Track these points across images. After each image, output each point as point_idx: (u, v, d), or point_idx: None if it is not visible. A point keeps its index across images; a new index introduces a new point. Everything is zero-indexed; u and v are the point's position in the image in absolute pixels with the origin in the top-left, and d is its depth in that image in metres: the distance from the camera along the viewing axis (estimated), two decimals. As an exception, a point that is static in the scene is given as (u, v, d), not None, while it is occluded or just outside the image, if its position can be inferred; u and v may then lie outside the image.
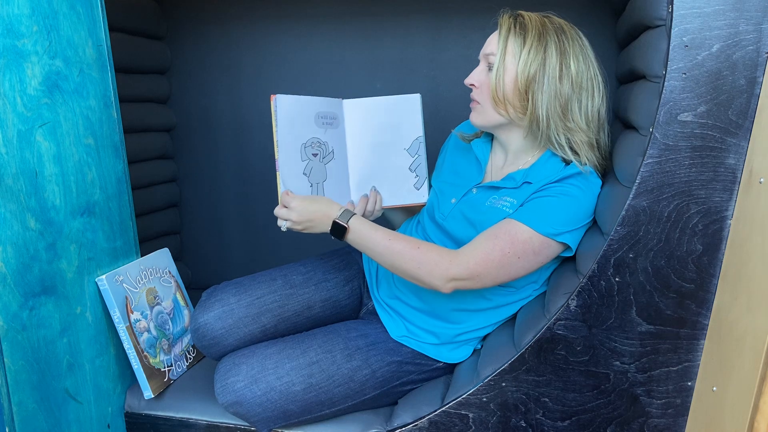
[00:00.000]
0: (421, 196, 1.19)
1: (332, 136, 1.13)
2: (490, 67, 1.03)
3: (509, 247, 0.97)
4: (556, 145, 1.02)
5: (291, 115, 1.06)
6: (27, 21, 0.96)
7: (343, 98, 1.17)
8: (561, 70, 0.98)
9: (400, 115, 1.15)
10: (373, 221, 1.09)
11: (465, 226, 1.08)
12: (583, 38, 1.02)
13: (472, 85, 1.06)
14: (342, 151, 1.15)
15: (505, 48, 1.00)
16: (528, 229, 0.97)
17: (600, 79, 1.02)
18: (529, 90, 0.99)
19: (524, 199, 1.01)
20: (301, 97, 1.08)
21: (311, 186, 1.10)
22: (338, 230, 1.03)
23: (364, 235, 1.03)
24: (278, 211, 1.06)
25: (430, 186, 1.21)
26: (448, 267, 0.97)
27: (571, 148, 1.02)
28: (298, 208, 1.04)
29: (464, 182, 1.14)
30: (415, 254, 0.99)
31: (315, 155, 1.10)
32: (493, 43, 1.03)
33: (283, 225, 1.07)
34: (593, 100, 1.01)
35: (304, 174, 1.09)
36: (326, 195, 1.11)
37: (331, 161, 1.12)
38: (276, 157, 1.06)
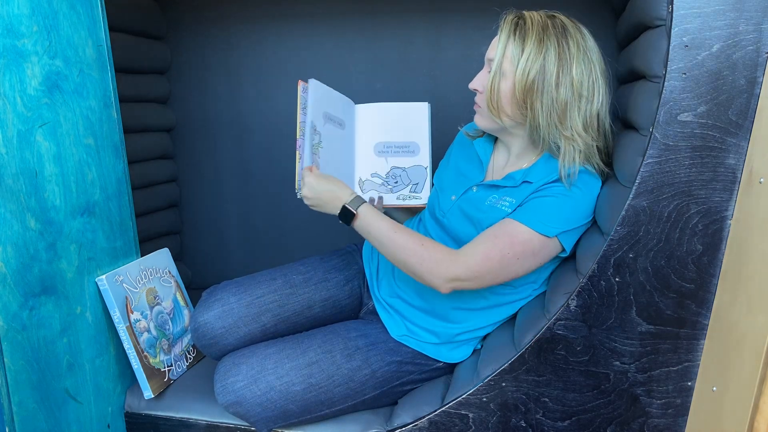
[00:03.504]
0: (420, 199, 1.22)
1: (330, 131, 1.15)
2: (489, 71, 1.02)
3: (509, 248, 0.97)
4: (555, 150, 1.01)
5: (318, 102, 1.11)
6: (27, 21, 0.96)
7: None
8: (559, 77, 0.96)
9: (408, 120, 1.20)
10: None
11: (464, 224, 1.08)
12: (588, 38, 0.99)
13: (476, 89, 1.06)
14: (349, 150, 1.19)
15: (503, 54, 0.99)
16: (527, 229, 0.97)
17: (602, 81, 0.99)
18: (527, 99, 0.98)
19: (523, 198, 1.01)
20: (331, 89, 1.14)
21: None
22: (346, 215, 1.04)
23: (371, 223, 1.03)
24: (298, 181, 1.10)
25: (432, 185, 1.22)
26: (449, 267, 0.97)
27: (570, 154, 0.99)
28: (312, 183, 1.06)
29: (465, 180, 1.14)
30: (418, 250, 0.99)
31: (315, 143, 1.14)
32: (494, 48, 1.02)
33: (298, 193, 1.10)
34: (592, 104, 0.99)
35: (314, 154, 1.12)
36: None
37: (320, 149, 1.13)
38: (297, 137, 1.09)
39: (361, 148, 1.21)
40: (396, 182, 1.21)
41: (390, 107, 1.21)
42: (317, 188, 1.05)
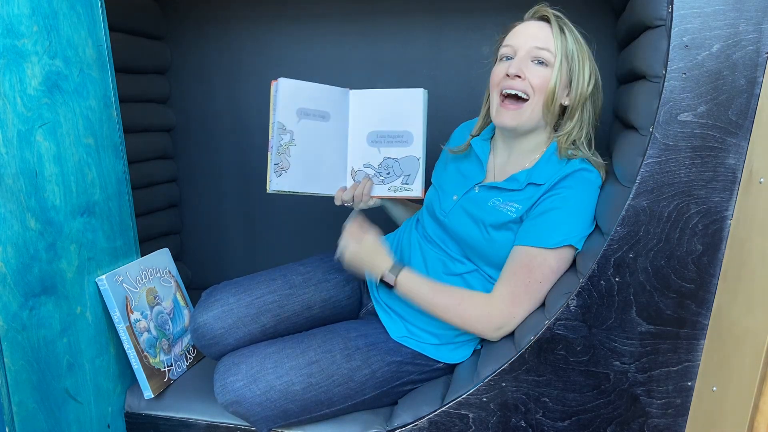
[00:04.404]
0: (412, 191, 1.18)
1: (308, 127, 1.14)
2: (540, 62, 1.00)
3: (529, 276, 0.99)
4: (571, 149, 1.03)
5: (288, 99, 1.11)
6: (27, 21, 0.96)
7: None
8: (598, 81, 1.04)
9: (403, 108, 1.16)
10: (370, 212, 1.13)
11: (466, 223, 1.08)
12: None
13: (517, 76, 1.00)
14: (339, 141, 1.18)
15: (564, 54, 1.00)
16: (539, 250, 0.98)
17: None
18: (581, 102, 1.02)
19: (530, 204, 1.01)
20: (308, 83, 1.13)
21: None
22: (389, 276, 1.09)
23: (412, 286, 1.07)
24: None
25: (429, 184, 1.21)
26: (489, 320, 1.03)
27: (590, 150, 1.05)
28: (371, 239, 1.12)
29: (466, 180, 1.14)
30: (458, 311, 1.04)
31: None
32: (545, 36, 1.00)
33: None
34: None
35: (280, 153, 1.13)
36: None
37: (290, 148, 1.13)
38: (270, 138, 1.11)
39: (354, 137, 1.19)
40: (388, 173, 1.18)
41: (384, 93, 1.17)
42: (372, 246, 1.12)
